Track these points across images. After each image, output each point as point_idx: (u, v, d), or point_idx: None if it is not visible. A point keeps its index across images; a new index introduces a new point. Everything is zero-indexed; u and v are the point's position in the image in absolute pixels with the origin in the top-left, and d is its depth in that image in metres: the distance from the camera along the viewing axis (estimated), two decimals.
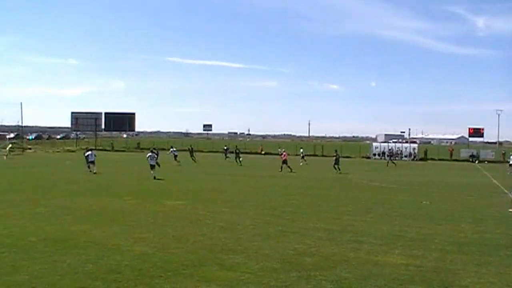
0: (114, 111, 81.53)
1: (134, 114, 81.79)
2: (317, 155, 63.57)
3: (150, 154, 29.29)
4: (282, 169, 35.62)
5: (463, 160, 61.70)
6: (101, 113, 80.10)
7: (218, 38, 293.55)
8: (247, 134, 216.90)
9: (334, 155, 38.03)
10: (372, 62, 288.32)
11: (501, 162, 59.59)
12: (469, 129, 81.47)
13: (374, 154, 64.17)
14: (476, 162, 60.01)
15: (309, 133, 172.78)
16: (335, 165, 36.43)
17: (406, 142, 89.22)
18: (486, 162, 58.97)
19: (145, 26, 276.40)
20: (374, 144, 73.88)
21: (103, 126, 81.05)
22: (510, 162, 42.36)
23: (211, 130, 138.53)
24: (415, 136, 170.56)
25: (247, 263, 9.47)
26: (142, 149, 65.94)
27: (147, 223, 13.72)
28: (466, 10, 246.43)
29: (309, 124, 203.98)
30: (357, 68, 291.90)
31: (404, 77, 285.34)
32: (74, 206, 16.70)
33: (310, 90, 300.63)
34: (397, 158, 59.36)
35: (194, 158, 46.89)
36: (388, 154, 55.49)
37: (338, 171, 35.61)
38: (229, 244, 11.19)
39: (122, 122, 79.80)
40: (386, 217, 15.85)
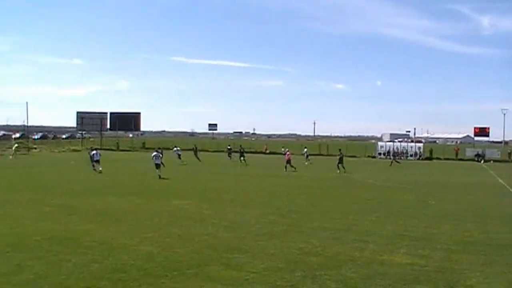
0: (120, 111, 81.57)
1: (139, 113, 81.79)
2: (322, 155, 63.39)
3: (155, 153, 29.45)
4: (286, 168, 35.60)
5: (469, 159, 61.33)
6: (106, 112, 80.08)
7: (223, 37, 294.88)
8: (253, 134, 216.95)
9: (338, 154, 37.97)
10: (377, 62, 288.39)
11: (506, 161, 59.34)
12: (474, 128, 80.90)
13: (380, 154, 63.87)
14: (481, 161, 59.65)
15: (314, 132, 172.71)
16: (339, 164, 36.34)
17: (412, 142, 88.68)
18: (492, 162, 58.59)
19: (150, 26, 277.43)
20: (380, 143, 73.45)
21: (109, 126, 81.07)
22: None
23: (217, 130, 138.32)
24: (421, 135, 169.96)
25: (252, 263, 9.48)
26: (147, 148, 65.94)
27: (152, 223, 13.75)
28: (471, 9, 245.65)
29: (314, 123, 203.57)
30: (362, 67, 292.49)
31: (409, 76, 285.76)
32: (79, 206, 16.76)
33: (316, 89, 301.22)
34: (402, 158, 59.13)
35: (199, 158, 47.01)
36: (392, 154, 55.27)
37: (343, 170, 35.52)
38: (234, 243, 11.21)
39: (128, 121, 79.78)
40: (391, 216, 15.82)
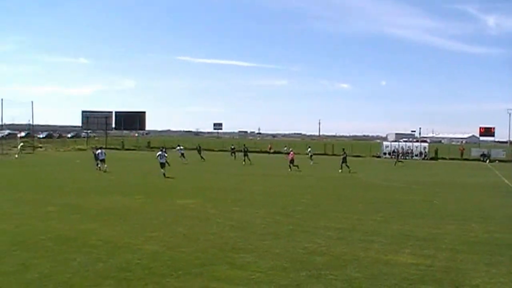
0: (125, 110, 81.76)
1: (144, 113, 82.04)
2: (327, 154, 63.28)
3: (160, 153, 29.54)
4: (291, 168, 35.58)
5: (474, 159, 61.04)
6: (111, 112, 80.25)
7: (228, 37, 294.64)
8: (258, 133, 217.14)
9: (342, 154, 37.92)
10: (382, 61, 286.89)
11: None
12: (479, 128, 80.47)
13: (385, 153, 63.76)
14: (487, 161, 59.35)
15: (319, 132, 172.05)
16: (343, 163, 36.27)
17: (417, 141, 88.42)
18: (497, 162, 58.27)
19: (155, 25, 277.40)
20: (385, 143, 73.20)
21: (114, 125, 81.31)
22: None
23: (222, 129, 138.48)
24: (426, 135, 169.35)
25: (258, 262, 9.49)
26: (152, 148, 66.12)
27: (157, 222, 13.78)
28: (476, 9, 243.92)
29: (319, 123, 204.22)
30: (367, 67, 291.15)
31: (414, 76, 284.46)
32: (84, 205, 16.82)
33: (321, 89, 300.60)
34: (407, 158, 58.96)
35: (203, 156, 47.17)
36: (397, 154, 55.12)
37: (347, 170, 35.44)
38: (239, 243, 11.21)
39: (133, 121, 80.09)
40: (396, 216, 15.78)
